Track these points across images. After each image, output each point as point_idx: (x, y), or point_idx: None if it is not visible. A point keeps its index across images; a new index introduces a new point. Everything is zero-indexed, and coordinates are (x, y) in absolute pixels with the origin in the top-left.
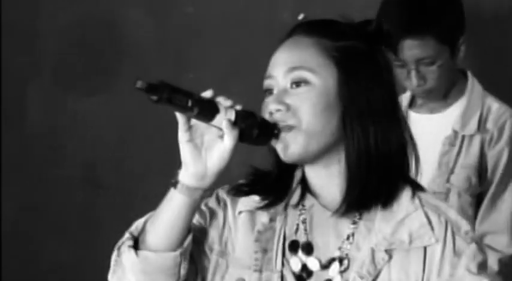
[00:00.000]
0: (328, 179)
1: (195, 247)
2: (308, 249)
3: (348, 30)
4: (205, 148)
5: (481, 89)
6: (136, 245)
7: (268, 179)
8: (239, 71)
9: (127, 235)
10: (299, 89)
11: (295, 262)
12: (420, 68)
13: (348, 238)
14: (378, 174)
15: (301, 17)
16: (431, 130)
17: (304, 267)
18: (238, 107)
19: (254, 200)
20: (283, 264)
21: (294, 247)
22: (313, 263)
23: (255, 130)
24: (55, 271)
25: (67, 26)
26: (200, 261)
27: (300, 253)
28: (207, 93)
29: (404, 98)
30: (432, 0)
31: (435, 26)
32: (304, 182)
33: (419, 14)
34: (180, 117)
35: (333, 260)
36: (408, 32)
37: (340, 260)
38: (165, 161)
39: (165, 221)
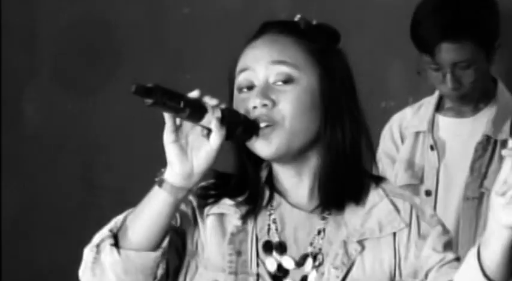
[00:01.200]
0: (297, 179)
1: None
2: (281, 248)
3: (318, 31)
4: (191, 148)
5: (510, 95)
6: (116, 242)
7: (234, 181)
8: None
9: (107, 232)
10: (285, 87)
11: (271, 262)
12: (456, 71)
13: (319, 233)
14: (353, 173)
15: (297, 18)
16: (461, 135)
17: (280, 267)
18: (223, 106)
19: (226, 203)
20: (258, 265)
21: (267, 247)
22: (288, 262)
23: (240, 128)
24: (55, 271)
25: (66, 26)
26: (173, 261)
27: (274, 253)
28: (194, 94)
29: (427, 102)
30: (469, 3)
31: (473, 29)
32: (269, 182)
33: (456, 18)
34: (168, 118)
35: (306, 256)
36: (446, 36)
37: (314, 256)
38: (164, 161)
39: (146, 219)
